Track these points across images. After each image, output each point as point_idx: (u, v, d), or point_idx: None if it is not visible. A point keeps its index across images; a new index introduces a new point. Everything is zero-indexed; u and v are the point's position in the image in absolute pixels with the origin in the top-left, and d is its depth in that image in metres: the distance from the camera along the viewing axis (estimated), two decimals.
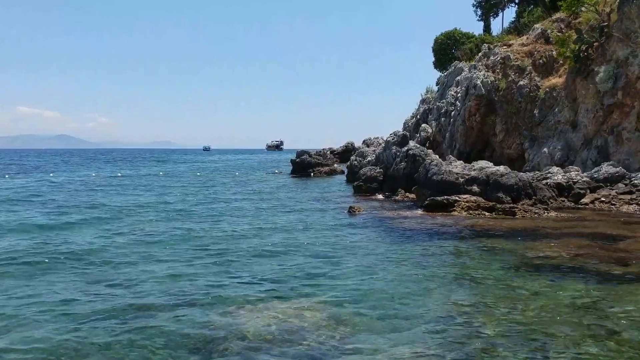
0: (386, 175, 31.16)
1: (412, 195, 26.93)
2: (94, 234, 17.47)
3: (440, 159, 28.09)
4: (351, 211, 22.82)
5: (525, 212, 21.07)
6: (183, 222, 20.64)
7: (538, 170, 28.58)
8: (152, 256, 14.10)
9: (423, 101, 53.11)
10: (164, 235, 17.48)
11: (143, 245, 15.76)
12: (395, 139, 33.28)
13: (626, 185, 24.18)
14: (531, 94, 33.90)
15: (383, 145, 36.03)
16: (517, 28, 45.00)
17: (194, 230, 18.51)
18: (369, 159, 38.01)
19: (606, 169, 25.26)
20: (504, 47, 38.06)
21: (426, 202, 22.79)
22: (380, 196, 29.31)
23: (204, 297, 10.19)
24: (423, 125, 46.62)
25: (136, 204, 26.12)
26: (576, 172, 25.75)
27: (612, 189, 24.11)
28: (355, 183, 31.97)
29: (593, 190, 24.38)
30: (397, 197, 28.20)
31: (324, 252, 14.63)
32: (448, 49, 59.10)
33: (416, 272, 12.09)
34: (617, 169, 25.10)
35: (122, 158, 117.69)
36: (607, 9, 29.43)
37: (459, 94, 40.51)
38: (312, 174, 49.69)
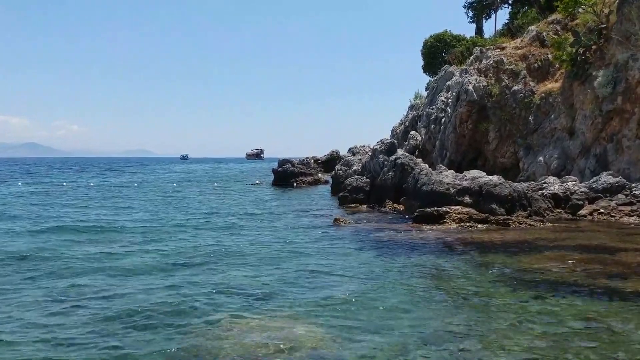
0: (373, 185, 31.02)
1: (401, 207, 26.84)
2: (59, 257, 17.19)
3: (430, 169, 27.99)
4: (336, 223, 22.69)
5: (520, 224, 21.01)
6: (156, 234, 20.50)
7: (533, 180, 28.52)
8: (126, 270, 13.91)
9: (412, 107, 53.04)
10: (136, 249, 17.31)
11: (115, 257, 15.59)
12: (383, 147, 33.20)
13: (626, 196, 24.12)
14: (526, 100, 33.87)
15: (370, 153, 35.95)
16: (510, 30, 45.03)
17: (168, 243, 18.37)
18: (354, 168, 37.89)
19: (605, 178, 25.20)
20: (497, 50, 38.05)
21: (415, 213, 22.67)
22: (366, 207, 29.15)
23: (178, 313, 10.15)
24: (412, 132, 46.52)
25: (109, 219, 25.88)
26: (573, 182, 25.68)
27: (612, 200, 24.05)
28: (341, 194, 31.82)
29: (591, 201, 24.31)
30: (384, 209, 28.07)
31: (306, 266, 14.48)
32: (438, 53, 59.02)
33: (402, 289, 11.94)
34: (617, 178, 25.04)
35: (95, 167, 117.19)
36: (606, 10, 29.46)
37: (449, 100, 40.45)
38: (295, 184, 49.66)
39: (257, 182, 55.86)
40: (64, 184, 54.72)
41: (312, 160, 66.11)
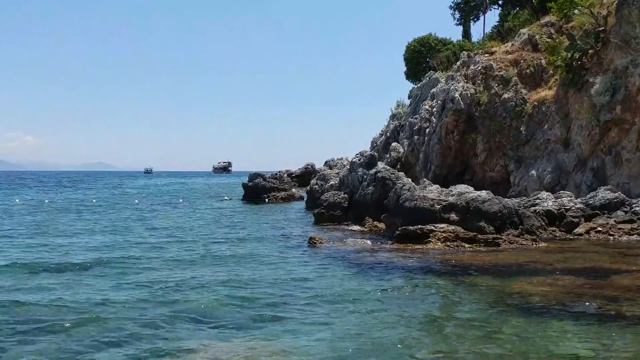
0: (352, 201, 30.93)
1: (381, 225, 26.69)
2: None
3: (413, 183, 27.89)
4: (311, 243, 22.51)
5: (511, 243, 20.91)
6: (113, 262, 20.08)
7: (525, 196, 28.51)
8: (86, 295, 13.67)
9: (393, 117, 53.10)
10: (95, 270, 17.15)
11: (68, 287, 15.32)
12: (362, 160, 33.12)
13: (626, 212, 24.12)
14: (517, 109, 33.86)
15: (348, 167, 35.92)
16: (500, 33, 45.09)
17: (129, 268, 18.02)
18: (331, 182, 37.82)
19: (603, 194, 25.19)
20: (486, 55, 38.10)
21: (397, 232, 22.52)
22: (344, 225, 29.04)
23: (140, 339, 10.18)
24: (393, 144, 46.48)
25: (64, 243, 25.47)
26: (569, 198, 25.68)
27: (610, 217, 24.03)
28: (316, 210, 31.68)
29: (588, 218, 24.28)
30: (363, 227, 27.95)
31: (279, 290, 14.35)
32: (422, 58, 58.99)
33: (383, 315, 11.83)
34: (616, 194, 25.04)
35: (53, 182, 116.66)
36: (604, 12, 29.53)
37: (434, 109, 40.43)
38: (267, 199, 49.76)
39: (226, 197, 55.69)
40: (17, 200, 54.01)
41: (286, 174, 66.14)
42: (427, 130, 40.76)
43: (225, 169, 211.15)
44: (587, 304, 12.28)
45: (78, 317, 11.75)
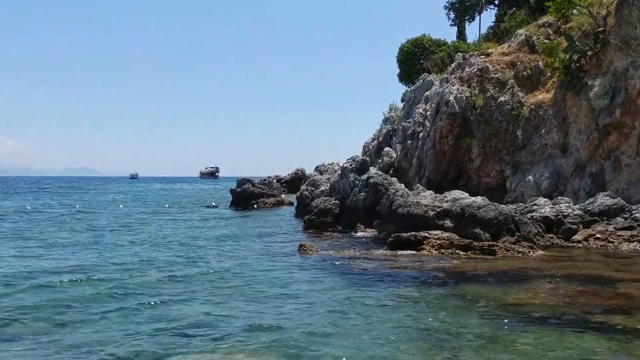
0: (343, 207, 30.84)
1: (374, 231, 26.60)
2: None
3: (406, 189, 27.87)
4: (301, 250, 22.41)
5: (507, 251, 20.82)
6: (96, 265, 20.03)
7: (522, 202, 28.44)
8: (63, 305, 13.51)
9: (386, 121, 53.03)
10: (78, 284, 16.80)
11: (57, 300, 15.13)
12: (354, 165, 33.01)
13: (625, 219, 24.05)
14: (513, 112, 33.86)
15: (339, 172, 35.80)
16: (496, 34, 45.14)
17: (111, 276, 17.89)
18: (322, 188, 37.68)
19: (602, 200, 25.14)
20: (482, 56, 38.09)
21: (390, 239, 22.45)
22: (335, 232, 29.00)
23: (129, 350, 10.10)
24: (386, 149, 46.44)
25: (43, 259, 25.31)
26: (567, 204, 25.60)
27: (609, 224, 23.98)
28: (307, 217, 31.59)
29: (587, 225, 24.22)
30: (355, 234, 27.96)
31: (266, 300, 14.27)
32: (415, 59, 58.98)
33: (376, 326, 11.71)
34: (615, 200, 25.00)
35: (36, 187, 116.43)
36: (603, 12, 29.46)
37: (428, 112, 40.41)
38: (255, 205, 49.76)
39: (214, 204, 55.52)
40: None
41: (275, 180, 66.10)
42: (421, 134, 40.71)
43: (212, 174, 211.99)
44: (587, 314, 12.20)
45: (58, 339, 11.65)
